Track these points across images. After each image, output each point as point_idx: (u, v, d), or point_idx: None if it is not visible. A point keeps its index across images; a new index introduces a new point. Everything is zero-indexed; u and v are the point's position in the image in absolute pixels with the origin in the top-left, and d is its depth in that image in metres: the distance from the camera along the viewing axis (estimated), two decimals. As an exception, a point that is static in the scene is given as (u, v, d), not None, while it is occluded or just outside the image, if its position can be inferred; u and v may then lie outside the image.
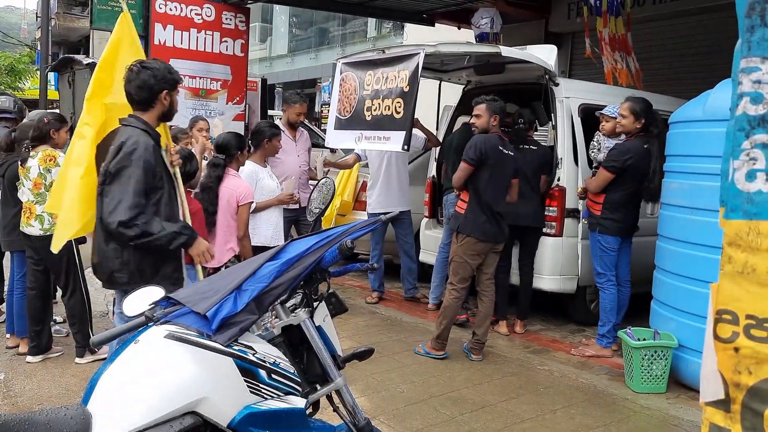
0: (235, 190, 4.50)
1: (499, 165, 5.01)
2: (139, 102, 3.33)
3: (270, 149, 4.96)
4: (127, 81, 3.30)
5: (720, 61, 3.36)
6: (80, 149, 3.37)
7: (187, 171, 4.02)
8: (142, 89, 3.30)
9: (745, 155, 1.62)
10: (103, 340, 2.07)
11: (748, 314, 1.62)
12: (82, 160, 3.35)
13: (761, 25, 1.59)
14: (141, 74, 3.28)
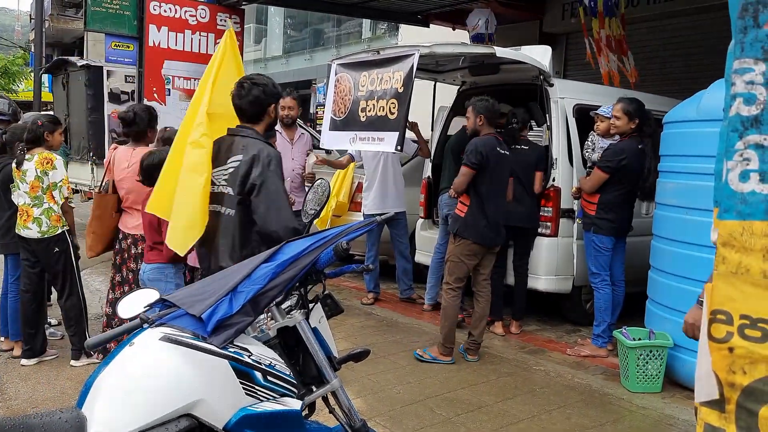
0: None
1: (497, 166, 5.03)
2: (251, 115, 3.51)
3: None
4: (238, 96, 3.49)
5: (714, 61, 3.37)
6: (199, 158, 3.45)
7: None
8: (253, 104, 3.48)
9: (738, 156, 1.63)
10: (99, 343, 2.06)
11: (742, 314, 1.62)
12: (203, 169, 3.43)
13: (754, 26, 1.60)
14: (253, 90, 3.47)
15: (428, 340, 5.62)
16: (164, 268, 4.07)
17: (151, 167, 4.10)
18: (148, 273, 4.08)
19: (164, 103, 8.88)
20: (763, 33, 1.59)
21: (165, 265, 4.07)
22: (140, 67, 8.96)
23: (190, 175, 3.44)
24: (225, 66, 3.75)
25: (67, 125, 10.64)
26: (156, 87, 8.81)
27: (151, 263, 4.09)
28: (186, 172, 3.47)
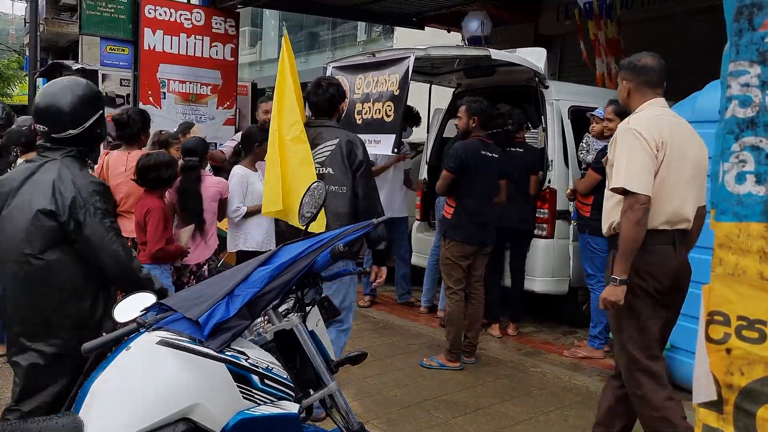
0: (218, 188, 4.68)
1: (482, 169, 5.00)
2: (327, 110, 4.03)
3: (260, 153, 4.96)
4: (315, 94, 4.00)
5: (709, 63, 3.39)
6: (305, 152, 3.81)
7: (161, 177, 4.16)
8: (329, 101, 4.00)
9: (734, 157, 1.64)
10: (95, 347, 2.06)
11: (740, 315, 1.63)
12: (311, 160, 3.81)
13: (749, 29, 1.61)
14: (329, 89, 4.01)
15: (425, 343, 5.63)
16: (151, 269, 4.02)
17: (146, 169, 4.12)
18: None
19: (159, 107, 8.86)
20: (758, 36, 1.60)
21: (149, 266, 3.94)
22: (135, 70, 8.94)
23: (303, 168, 3.78)
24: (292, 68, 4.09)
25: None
26: (151, 90, 8.79)
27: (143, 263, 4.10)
28: (299, 166, 3.80)
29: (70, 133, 2.66)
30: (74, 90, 2.68)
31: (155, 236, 4.10)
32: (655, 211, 3.04)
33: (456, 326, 5.04)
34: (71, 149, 2.68)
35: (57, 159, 2.65)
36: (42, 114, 2.65)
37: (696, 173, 3.16)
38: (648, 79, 3.24)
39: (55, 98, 2.66)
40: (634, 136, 3.04)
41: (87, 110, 2.70)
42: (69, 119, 2.65)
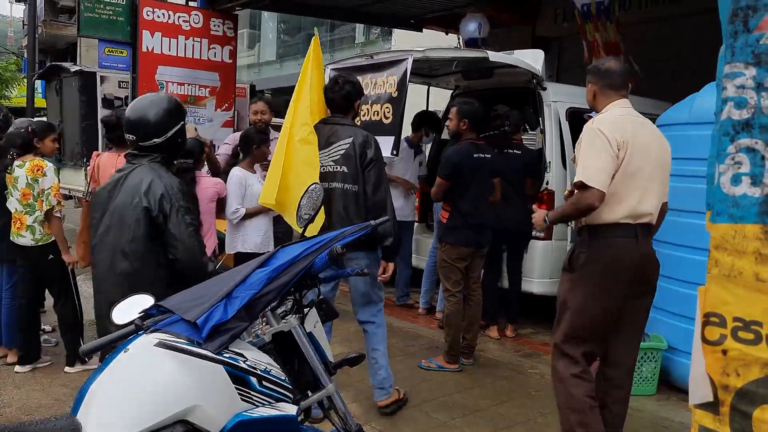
0: (216, 188, 4.70)
1: (475, 172, 4.97)
2: (342, 107, 4.12)
3: (259, 155, 4.97)
4: (332, 90, 4.11)
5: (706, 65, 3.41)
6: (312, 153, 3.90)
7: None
8: (345, 98, 4.10)
9: (730, 159, 1.64)
10: (93, 349, 2.06)
11: (736, 317, 1.63)
12: (316, 162, 3.90)
13: (744, 31, 1.61)
14: (345, 86, 4.09)
15: (423, 344, 5.63)
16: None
17: None
18: None
19: (158, 109, 8.85)
20: (753, 37, 1.61)
21: None
22: (134, 72, 8.93)
23: (305, 168, 3.87)
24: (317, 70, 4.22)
25: (60, 131, 10.61)
26: (150, 92, 8.79)
27: None
28: (302, 165, 3.88)
29: (155, 141, 2.99)
30: (159, 104, 3.02)
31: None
32: (617, 205, 3.21)
33: (454, 328, 5.04)
34: (156, 155, 3.01)
35: (144, 164, 2.99)
36: (131, 125, 2.99)
37: (658, 171, 3.32)
38: (611, 82, 3.40)
39: (143, 111, 2.99)
40: (596, 135, 3.20)
41: (170, 121, 3.01)
42: (153, 129, 2.97)
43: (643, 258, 3.29)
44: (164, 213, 2.87)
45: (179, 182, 2.99)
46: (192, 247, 2.90)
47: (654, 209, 3.32)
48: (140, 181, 2.91)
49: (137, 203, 2.88)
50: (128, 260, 2.90)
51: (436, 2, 9.31)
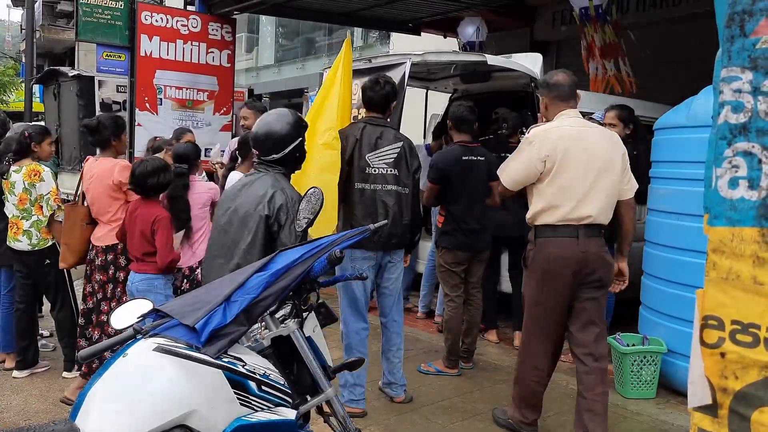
0: (210, 194, 4.67)
1: (466, 175, 4.92)
2: (380, 106, 4.25)
3: None
4: (372, 90, 4.23)
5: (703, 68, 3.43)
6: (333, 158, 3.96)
7: (160, 182, 4.07)
8: (385, 98, 4.23)
9: (727, 163, 1.65)
10: (91, 354, 2.06)
11: (734, 320, 1.64)
12: (336, 168, 3.95)
13: (741, 36, 1.62)
14: (386, 86, 4.23)
15: (422, 348, 5.62)
16: (153, 279, 4.04)
17: (144, 175, 4.02)
18: (137, 284, 4.05)
19: (156, 113, 8.87)
20: (749, 42, 1.61)
21: (155, 276, 4.04)
22: (132, 76, 8.94)
23: (326, 174, 3.90)
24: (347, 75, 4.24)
25: (58, 135, 10.62)
26: (148, 96, 8.80)
27: (141, 273, 4.06)
28: (321, 171, 3.91)
29: (273, 157, 3.25)
30: (279, 121, 3.27)
31: (168, 246, 4.05)
32: (554, 211, 3.59)
33: (453, 332, 5.02)
34: (279, 168, 3.28)
35: (270, 174, 3.24)
36: (255, 140, 3.30)
37: (604, 174, 3.60)
38: (559, 94, 3.72)
39: (264, 128, 3.26)
40: (528, 142, 3.67)
41: (287, 139, 3.25)
42: (272, 145, 3.24)
43: (584, 255, 3.57)
44: (280, 222, 3.10)
45: (299, 196, 3.14)
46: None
47: (597, 211, 3.58)
48: (265, 191, 3.14)
49: (259, 210, 3.11)
50: (242, 258, 3.09)
51: (434, 6, 9.32)
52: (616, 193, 3.69)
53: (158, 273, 4.04)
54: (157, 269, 4.02)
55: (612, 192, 3.65)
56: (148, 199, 4.11)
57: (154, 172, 4.02)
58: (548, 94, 3.77)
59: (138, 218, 4.06)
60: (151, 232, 3.99)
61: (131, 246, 4.12)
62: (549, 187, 3.59)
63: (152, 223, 4.00)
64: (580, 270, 3.60)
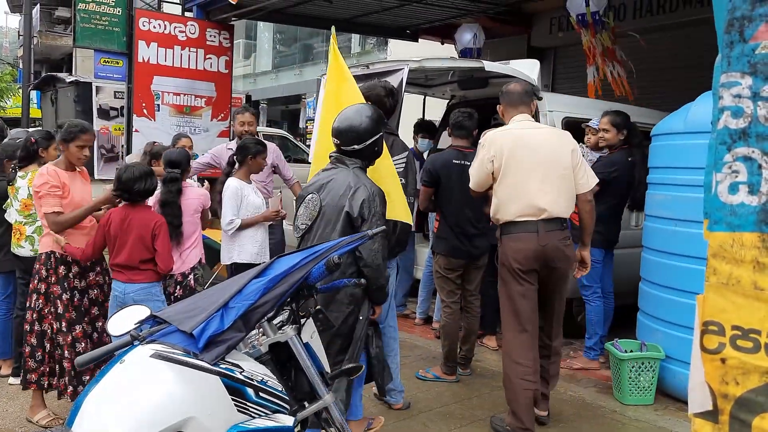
0: (200, 199, 4.62)
1: (457, 179, 4.85)
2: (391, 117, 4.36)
3: (254, 166, 4.95)
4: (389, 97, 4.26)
5: (701, 75, 3.45)
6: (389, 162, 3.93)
7: (147, 187, 3.97)
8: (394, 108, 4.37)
9: (727, 168, 1.65)
10: (88, 361, 2.05)
11: (734, 325, 1.63)
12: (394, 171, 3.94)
13: (740, 41, 1.62)
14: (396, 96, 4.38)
15: (420, 355, 5.61)
16: (151, 287, 3.97)
17: (132, 180, 3.90)
18: (133, 294, 3.90)
19: (154, 119, 8.87)
20: (749, 47, 1.61)
21: (152, 284, 3.97)
22: (129, 82, 8.95)
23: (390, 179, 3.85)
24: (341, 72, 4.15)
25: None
26: (145, 103, 8.80)
27: (137, 283, 3.93)
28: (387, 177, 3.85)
29: (354, 147, 3.36)
30: (365, 113, 3.41)
31: (169, 252, 4.01)
32: (507, 207, 3.92)
33: (451, 339, 5.00)
34: (357, 161, 3.40)
35: (348, 168, 3.37)
36: (337, 131, 3.40)
37: (552, 171, 3.89)
38: (510, 101, 4.13)
39: (348, 120, 3.38)
40: (481, 146, 4.04)
41: (370, 131, 3.38)
42: (355, 136, 3.36)
43: (544, 248, 3.86)
44: (363, 217, 3.22)
45: (380, 191, 3.33)
46: (376, 250, 3.22)
47: (551, 205, 3.86)
48: (348, 187, 3.27)
49: (342, 206, 3.24)
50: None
51: (431, 12, 9.35)
52: (571, 188, 3.95)
53: (156, 280, 4.00)
54: (156, 276, 3.98)
55: (564, 187, 3.92)
56: (137, 205, 4.01)
57: (141, 178, 3.93)
58: (503, 102, 4.17)
59: (133, 225, 3.94)
60: (152, 238, 3.94)
61: (122, 255, 3.93)
62: (500, 186, 3.93)
63: (153, 228, 3.94)
64: (543, 263, 3.89)
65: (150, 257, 3.96)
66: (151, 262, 3.97)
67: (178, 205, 4.42)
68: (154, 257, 3.96)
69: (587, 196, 4.03)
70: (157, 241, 3.94)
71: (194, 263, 4.52)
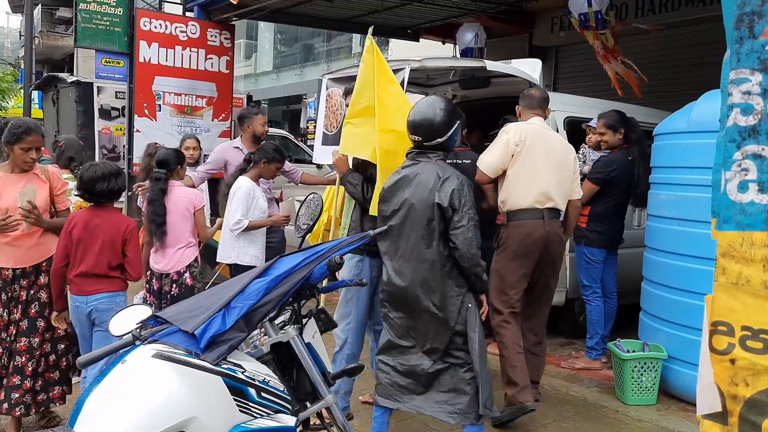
0: (190, 197, 4.53)
1: None
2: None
3: (267, 171, 4.91)
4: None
5: (704, 73, 3.43)
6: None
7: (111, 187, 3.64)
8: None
9: (736, 166, 1.63)
10: (90, 361, 2.03)
11: (744, 325, 1.61)
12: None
13: (750, 37, 1.60)
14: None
15: (422, 355, 5.58)
16: (116, 297, 3.70)
17: (94, 180, 3.60)
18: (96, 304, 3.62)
19: (155, 119, 8.86)
20: (759, 43, 1.59)
21: (118, 292, 3.71)
22: (131, 83, 8.94)
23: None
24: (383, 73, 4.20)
25: (56, 139, 10.61)
26: (147, 103, 8.79)
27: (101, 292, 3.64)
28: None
29: (438, 141, 3.34)
30: (438, 105, 3.37)
31: (140, 258, 3.79)
32: (521, 194, 4.19)
33: None
34: (438, 154, 3.37)
35: (431, 162, 3.34)
36: (416, 126, 3.36)
37: (559, 169, 4.25)
38: (529, 103, 4.45)
39: (425, 113, 3.35)
40: (504, 132, 4.26)
41: (449, 122, 3.35)
42: (437, 129, 3.33)
43: (548, 234, 4.19)
44: (454, 207, 3.21)
45: (467, 179, 3.33)
46: (470, 239, 3.22)
47: (557, 198, 4.22)
48: (436, 179, 3.25)
49: (432, 200, 3.22)
50: (428, 248, 3.25)
51: (432, 12, 9.33)
52: (569, 190, 4.34)
53: (123, 289, 3.74)
54: (123, 285, 3.74)
55: (565, 185, 4.30)
56: (103, 207, 3.71)
57: (104, 177, 3.61)
58: (522, 103, 4.49)
59: (101, 228, 3.62)
60: (123, 243, 3.65)
61: (88, 262, 3.61)
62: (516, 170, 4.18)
63: (124, 233, 3.66)
64: (545, 247, 4.22)
65: (119, 263, 3.68)
66: (120, 269, 3.69)
67: (162, 204, 4.38)
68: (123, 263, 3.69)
69: (576, 202, 4.47)
70: (129, 246, 3.66)
71: (190, 261, 4.49)
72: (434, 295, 3.26)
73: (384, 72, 4.21)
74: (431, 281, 3.25)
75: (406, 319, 3.34)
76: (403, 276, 3.30)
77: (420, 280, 3.26)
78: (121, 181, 3.79)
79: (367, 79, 4.14)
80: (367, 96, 4.11)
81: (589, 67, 8.21)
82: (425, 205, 3.24)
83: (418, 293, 3.26)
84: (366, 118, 4.10)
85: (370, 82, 4.12)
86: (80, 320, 3.69)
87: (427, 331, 3.30)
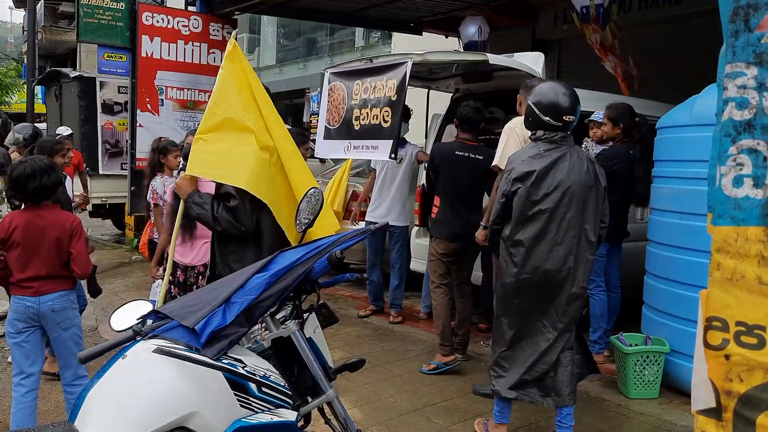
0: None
1: (455, 168, 5.13)
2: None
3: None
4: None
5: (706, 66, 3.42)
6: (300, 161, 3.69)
7: (44, 184, 3.44)
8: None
9: (731, 161, 1.62)
10: (91, 356, 2.04)
11: (738, 321, 1.61)
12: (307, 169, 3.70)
13: (745, 30, 1.60)
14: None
15: (424, 349, 5.60)
16: (70, 294, 3.63)
17: (24, 178, 3.41)
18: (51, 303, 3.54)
19: (157, 114, 8.87)
20: (754, 37, 1.59)
21: (70, 291, 3.63)
22: (133, 77, 8.95)
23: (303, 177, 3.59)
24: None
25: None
26: (149, 97, 8.80)
27: (55, 292, 3.54)
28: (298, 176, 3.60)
29: (575, 125, 3.59)
30: (561, 88, 3.60)
31: (87, 254, 3.63)
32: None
33: (443, 318, 5.11)
34: (571, 138, 3.59)
35: (573, 145, 3.55)
36: (573, 108, 3.54)
37: None
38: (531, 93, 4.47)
39: (575, 97, 3.56)
40: (511, 133, 4.42)
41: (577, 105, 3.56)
42: (577, 113, 3.56)
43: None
44: (606, 188, 3.57)
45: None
46: (605, 206, 3.60)
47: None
48: (588, 161, 3.53)
49: (592, 184, 3.47)
50: (591, 228, 3.50)
51: (435, 5, 9.31)
52: None
53: (74, 288, 3.65)
54: (74, 283, 3.65)
55: None
56: (42, 206, 3.51)
57: (35, 174, 3.41)
58: (524, 93, 4.53)
59: (47, 228, 3.47)
60: (69, 241, 3.51)
61: (36, 265, 3.47)
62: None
63: (71, 229, 3.51)
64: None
65: (66, 260, 3.55)
66: (66, 268, 3.57)
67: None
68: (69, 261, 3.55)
69: None
70: (76, 243, 3.52)
71: (204, 258, 4.51)
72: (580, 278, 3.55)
73: (257, 81, 3.67)
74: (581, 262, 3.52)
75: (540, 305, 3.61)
76: (551, 261, 3.51)
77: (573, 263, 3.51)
78: (55, 176, 3.51)
79: (227, 89, 3.56)
80: (224, 108, 3.53)
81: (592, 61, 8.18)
82: (583, 188, 3.46)
83: (565, 276, 3.50)
84: (224, 133, 3.52)
85: (231, 92, 3.55)
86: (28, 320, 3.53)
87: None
